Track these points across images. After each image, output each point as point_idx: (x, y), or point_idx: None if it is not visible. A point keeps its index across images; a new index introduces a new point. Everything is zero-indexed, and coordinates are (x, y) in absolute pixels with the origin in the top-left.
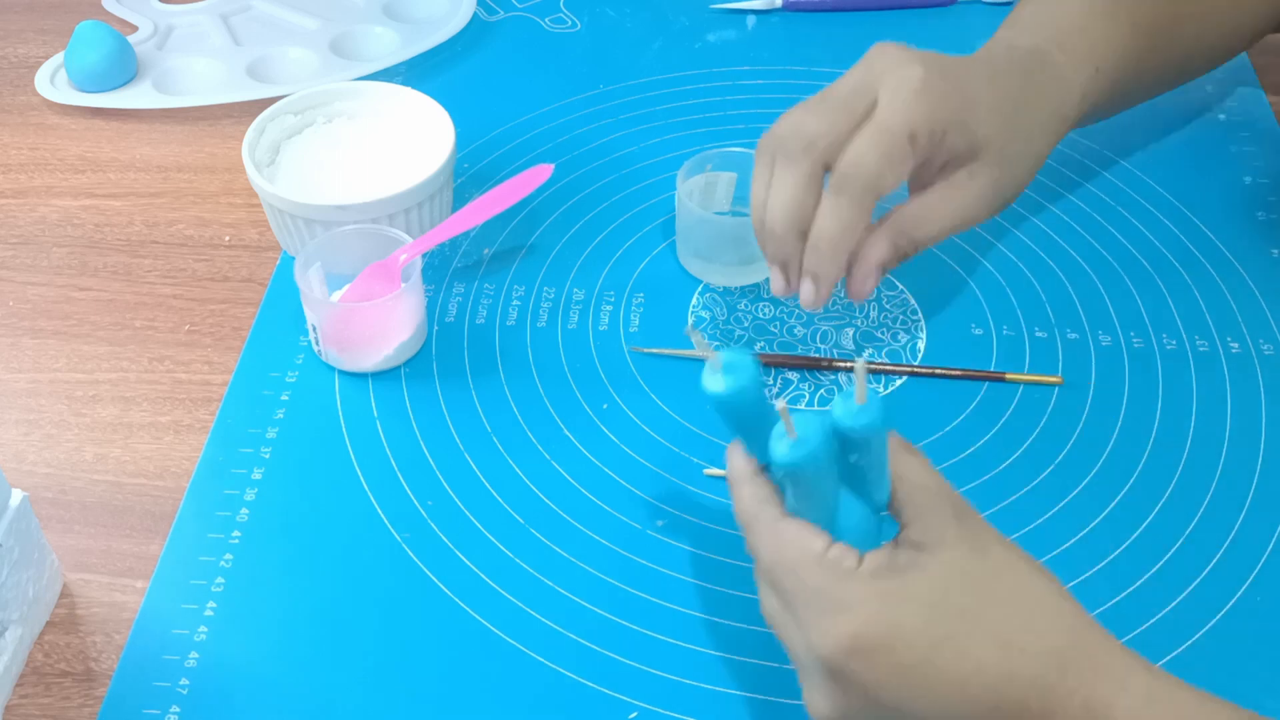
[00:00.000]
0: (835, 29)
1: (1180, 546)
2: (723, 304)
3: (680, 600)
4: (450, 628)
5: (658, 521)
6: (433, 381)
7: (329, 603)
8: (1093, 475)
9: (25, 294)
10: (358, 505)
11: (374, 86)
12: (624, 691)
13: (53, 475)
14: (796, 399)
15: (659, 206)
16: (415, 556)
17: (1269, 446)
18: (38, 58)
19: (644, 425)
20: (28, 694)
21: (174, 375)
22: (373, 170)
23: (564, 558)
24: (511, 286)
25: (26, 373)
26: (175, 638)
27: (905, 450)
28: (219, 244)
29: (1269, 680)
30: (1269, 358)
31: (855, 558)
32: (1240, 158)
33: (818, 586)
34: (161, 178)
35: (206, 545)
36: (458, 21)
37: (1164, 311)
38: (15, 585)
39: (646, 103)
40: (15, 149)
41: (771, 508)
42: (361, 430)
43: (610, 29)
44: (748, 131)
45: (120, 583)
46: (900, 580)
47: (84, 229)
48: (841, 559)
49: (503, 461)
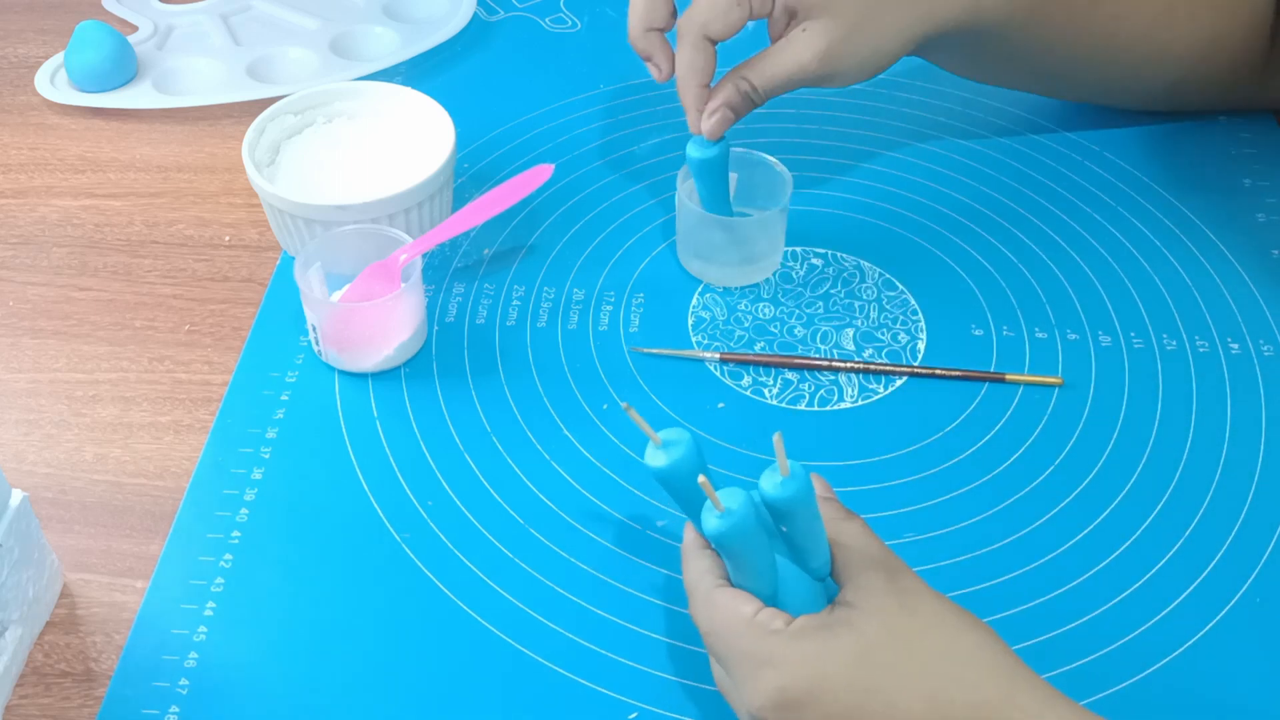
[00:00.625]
0: None
1: (1180, 547)
2: (723, 304)
3: (680, 601)
4: (450, 628)
5: (658, 522)
6: (433, 381)
7: (329, 603)
8: (1093, 476)
9: (25, 294)
10: (358, 505)
11: (374, 86)
12: (624, 692)
13: (53, 475)
14: (796, 399)
15: (659, 206)
16: (415, 556)
17: (1269, 446)
18: (38, 58)
19: None
20: (28, 694)
21: (174, 375)
22: (373, 170)
23: (564, 558)
24: (511, 286)
25: (26, 373)
26: (175, 638)
27: (842, 517)
28: (219, 244)
29: (1269, 681)
30: (1269, 358)
31: (784, 620)
32: (1240, 159)
33: (746, 648)
34: (161, 178)
35: (206, 545)
36: (458, 21)
37: (1164, 311)
38: (15, 585)
39: (646, 103)
40: (15, 149)
41: (710, 578)
42: (361, 430)
43: (610, 29)
44: (748, 132)
45: (120, 583)
46: (827, 636)
47: (84, 229)
48: (769, 621)
49: (503, 461)
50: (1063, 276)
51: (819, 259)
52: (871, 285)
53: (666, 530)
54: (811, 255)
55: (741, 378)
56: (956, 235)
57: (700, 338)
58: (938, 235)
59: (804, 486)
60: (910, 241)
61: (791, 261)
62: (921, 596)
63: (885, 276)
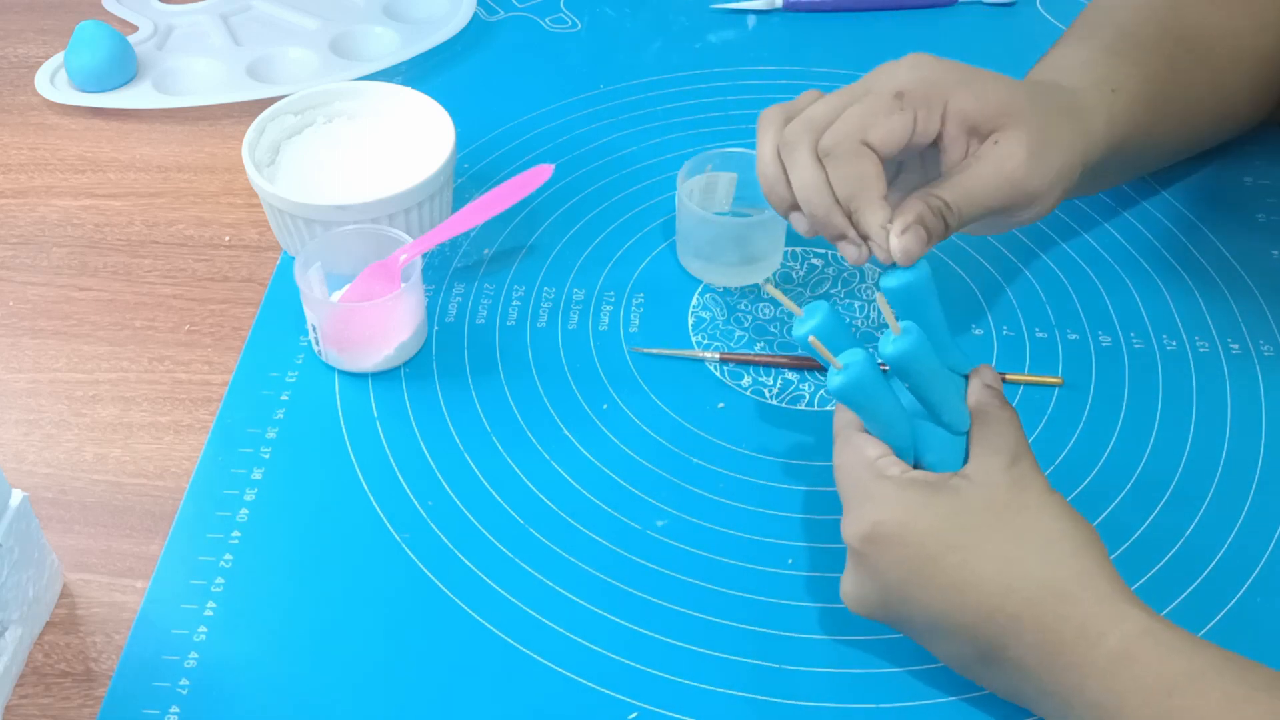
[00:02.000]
0: (835, 29)
1: (1180, 547)
2: (723, 304)
3: (680, 600)
4: (450, 628)
5: (658, 521)
6: (433, 381)
7: (329, 603)
8: (1093, 475)
9: (25, 294)
10: (358, 505)
11: (374, 86)
12: (624, 691)
13: (53, 475)
14: (796, 399)
15: (659, 206)
16: (415, 556)
17: (1269, 446)
18: (38, 58)
19: (644, 425)
20: (28, 694)
21: (174, 375)
22: (373, 170)
23: (564, 558)
24: (511, 286)
25: (26, 373)
26: (175, 638)
27: (997, 404)
28: (219, 244)
29: None
30: (1269, 358)
31: (901, 469)
32: (1240, 158)
33: (859, 483)
34: (161, 178)
35: (206, 545)
36: (458, 21)
37: (1164, 311)
38: (15, 585)
39: (646, 103)
40: (15, 149)
41: (852, 427)
42: (361, 430)
43: (610, 29)
44: (748, 131)
45: (120, 583)
46: (931, 492)
47: (84, 229)
48: (887, 467)
49: (503, 461)
50: (1063, 276)
51: (819, 259)
52: (871, 285)
53: (666, 530)
54: (811, 255)
55: (741, 378)
56: (956, 235)
57: (700, 338)
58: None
59: (911, 345)
60: None
61: (791, 261)
62: (1033, 485)
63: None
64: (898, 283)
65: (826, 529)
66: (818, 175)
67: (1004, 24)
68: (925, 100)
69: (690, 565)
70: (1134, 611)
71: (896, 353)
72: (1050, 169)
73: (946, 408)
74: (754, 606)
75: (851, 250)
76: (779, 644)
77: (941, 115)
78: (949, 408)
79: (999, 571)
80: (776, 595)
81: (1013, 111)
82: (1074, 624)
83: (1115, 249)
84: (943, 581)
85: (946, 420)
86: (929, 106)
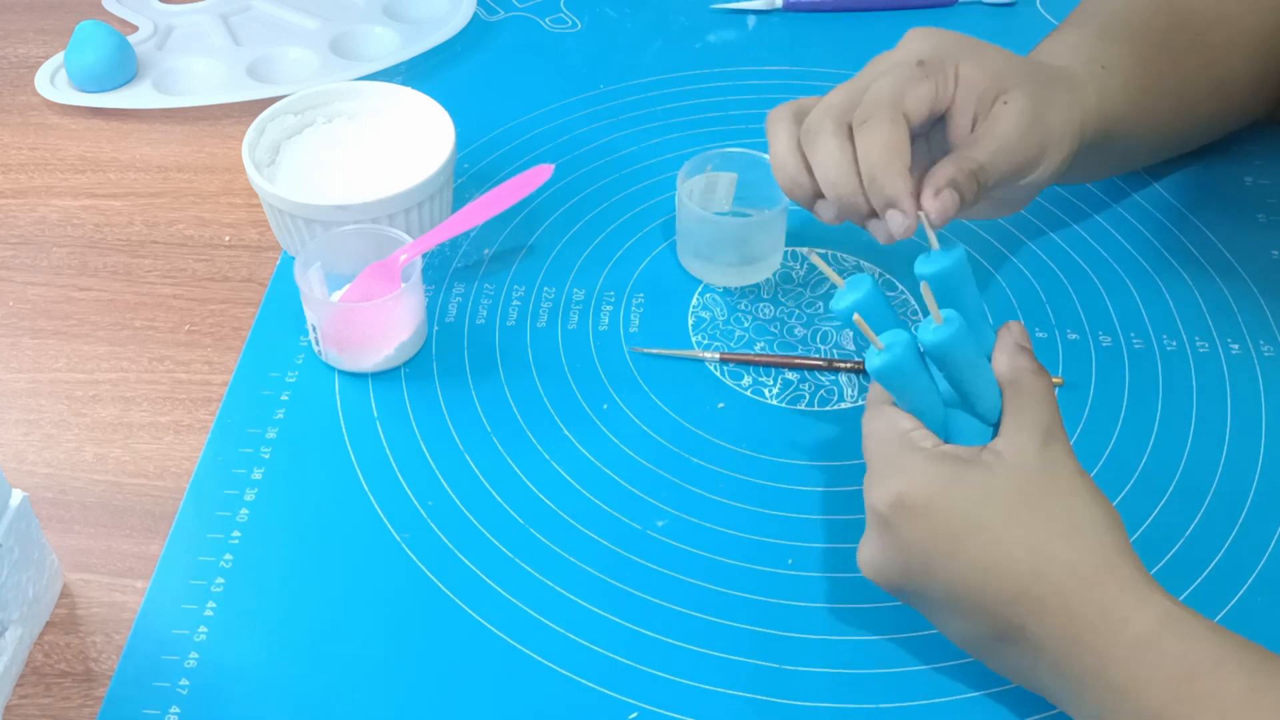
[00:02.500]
0: (835, 29)
1: (1180, 547)
2: (723, 304)
3: (680, 600)
4: (450, 628)
5: (658, 521)
6: (433, 382)
7: (329, 603)
8: (1093, 476)
9: (25, 294)
10: (358, 505)
11: (374, 86)
12: (624, 691)
13: (53, 475)
14: (796, 399)
15: (659, 206)
16: (415, 556)
17: (1269, 447)
18: (38, 58)
19: (644, 425)
20: (28, 694)
21: (174, 375)
22: (373, 170)
23: (564, 558)
24: (511, 286)
25: (26, 373)
26: (175, 638)
27: (1031, 370)
28: (219, 244)
29: None
30: (1269, 358)
31: (933, 442)
32: (1240, 158)
33: (890, 453)
34: (161, 178)
35: (206, 545)
36: (458, 21)
37: (1164, 311)
38: (15, 585)
39: (646, 103)
40: (15, 149)
41: (884, 401)
42: (361, 430)
43: (610, 29)
44: (748, 131)
45: (120, 583)
46: (961, 467)
47: (84, 229)
48: (920, 439)
49: (503, 461)
50: (1063, 276)
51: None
52: (879, 280)
53: (667, 530)
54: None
55: (741, 378)
56: (956, 235)
57: (700, 338)
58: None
59: (953, 334)
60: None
61: (791, 261)
62: (1064, 467)
63: (885, 277)
64: (935, 269)
65: (827, 529)
66: (845, 154)
67: (1004, 24)
68: (941, 68)
69: (690, 565)
70: (1157, 597)
71: (938, 341)
72: (1054, 124)
73: (981, 399)
74: (754, 606)
75: (894, 221)
76: (779, 644)
77: (954, 82)
78: (983, 398)
79: (1027, 555)
80: (776, 595)
81: (1013, 76)
82: (1098, 608)
83: (1115, 249)
84: (968, 561)
85: (980, 411)
86: (944, 74)
